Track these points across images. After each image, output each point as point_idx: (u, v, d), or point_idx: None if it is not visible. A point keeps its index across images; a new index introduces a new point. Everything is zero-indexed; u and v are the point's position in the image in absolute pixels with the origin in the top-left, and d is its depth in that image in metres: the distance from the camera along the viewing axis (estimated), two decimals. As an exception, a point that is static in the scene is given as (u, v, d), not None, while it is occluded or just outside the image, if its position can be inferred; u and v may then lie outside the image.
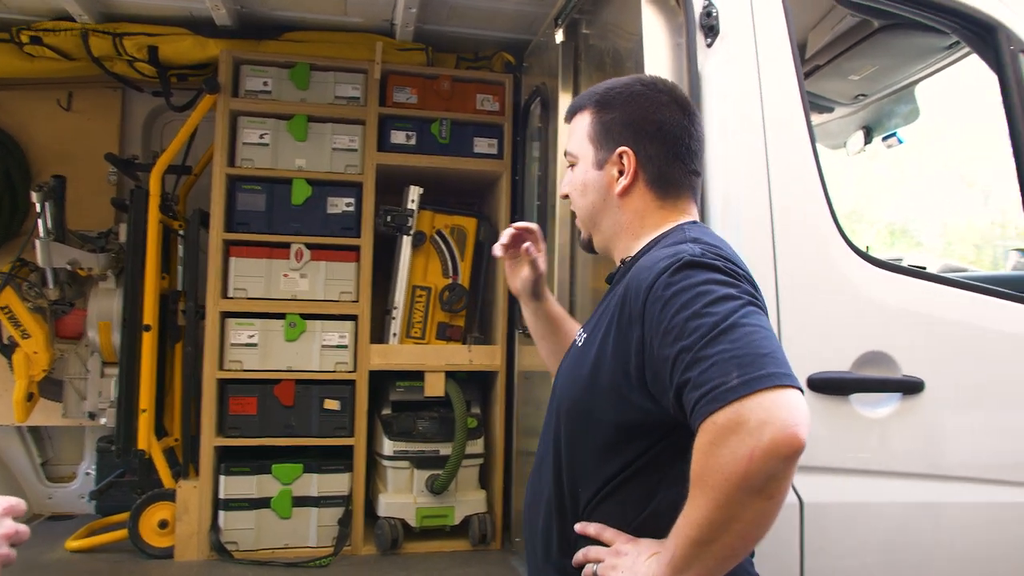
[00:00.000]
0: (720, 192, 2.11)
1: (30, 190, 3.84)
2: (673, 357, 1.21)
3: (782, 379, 1.14)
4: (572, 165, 1.59)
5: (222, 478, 3.76)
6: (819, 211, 2.25)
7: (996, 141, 2.70)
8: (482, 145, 4.06)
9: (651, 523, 1.34)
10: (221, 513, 3.74)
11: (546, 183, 3.64)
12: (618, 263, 1.56)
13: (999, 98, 2.58)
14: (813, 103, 3.83)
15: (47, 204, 3.75)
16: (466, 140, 4.05)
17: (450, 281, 4.06)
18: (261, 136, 3.84)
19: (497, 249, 1.86)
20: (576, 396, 1.42)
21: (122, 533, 3.73)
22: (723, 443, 1.12)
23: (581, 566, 1.39)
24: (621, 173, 1.50)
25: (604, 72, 3.06)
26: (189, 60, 3.84)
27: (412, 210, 3.96)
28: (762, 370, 1.14)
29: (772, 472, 1.11)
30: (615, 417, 1.35)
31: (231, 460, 3.80)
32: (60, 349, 3.99)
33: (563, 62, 3.40)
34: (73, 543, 3.77)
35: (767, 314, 1.29)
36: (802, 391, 1.16)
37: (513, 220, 4.03)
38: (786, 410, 1.12)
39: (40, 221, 3.76)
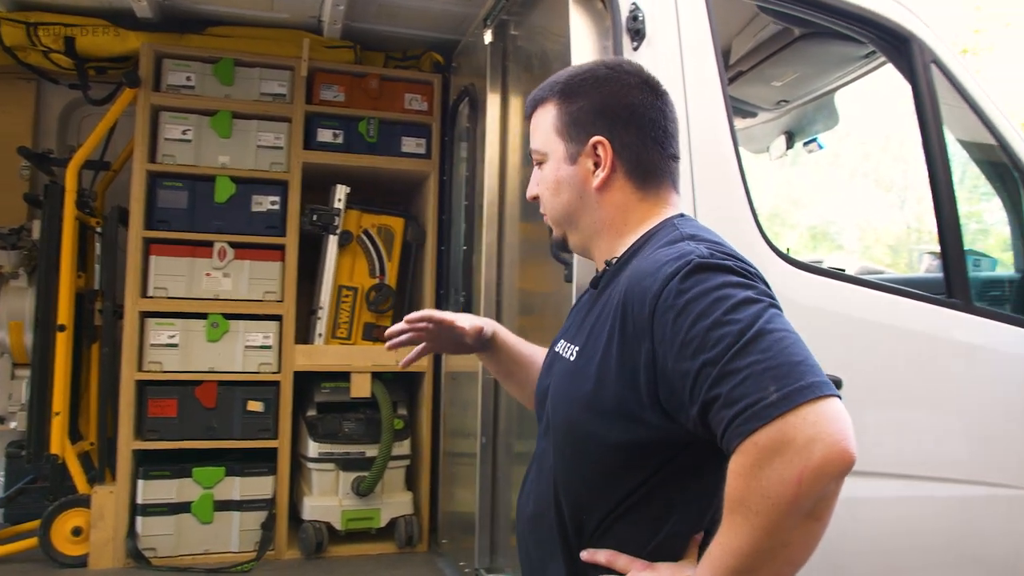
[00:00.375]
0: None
1: (-65, 184, 3.69)
2: (696, 372, 1.10)
3: (823, 388, 1.05)
4: (540, 163, 1.46)
5: (140, 482, 3.65)
6: (742, 213, 2.31)
7: (910, 147, 2.81)
8: (410, 145, 4.05)
9: (667, 546, 1.24)
10: (139, 519, 3.63)
11: (473, 183, 3.65)
12: (601, 265, 1.44)
13: (912, 106, 2.70)
14: (737, 108, 3.93)
15: (-46, 199, 3.61)
16: (394, 139, 4.03)
17: (377, 281, 4.04)
18: (184, 132, 3.75)
19: (387, 346, 1.73)
20: (575, 416, 1.30)
21: (32, 542, 3.58)
22: (768, 465, 1.02)
23: None
24: (597, 165, 1.38)
25: (532, 73, 3.09)
26: (108, 52, 3.73)
27: (339, 209, 3.92)
28: (801, 381, 1.04)
29: (823, 492, 1.03)
30: (624, 437, 1.23)
31: (150, 464, 3.70)
32: (-33, 350, 3.83)
33: (491, 63, 3.42)
34: (-23, 552, 3.62)
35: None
36: (841, 398, 1.06)
37: (441, 219, 4.05)
38: (834, 423, 1.03)
39: (-54, 216, 3.61)
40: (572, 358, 1.35)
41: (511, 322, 3.25)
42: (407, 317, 1.70)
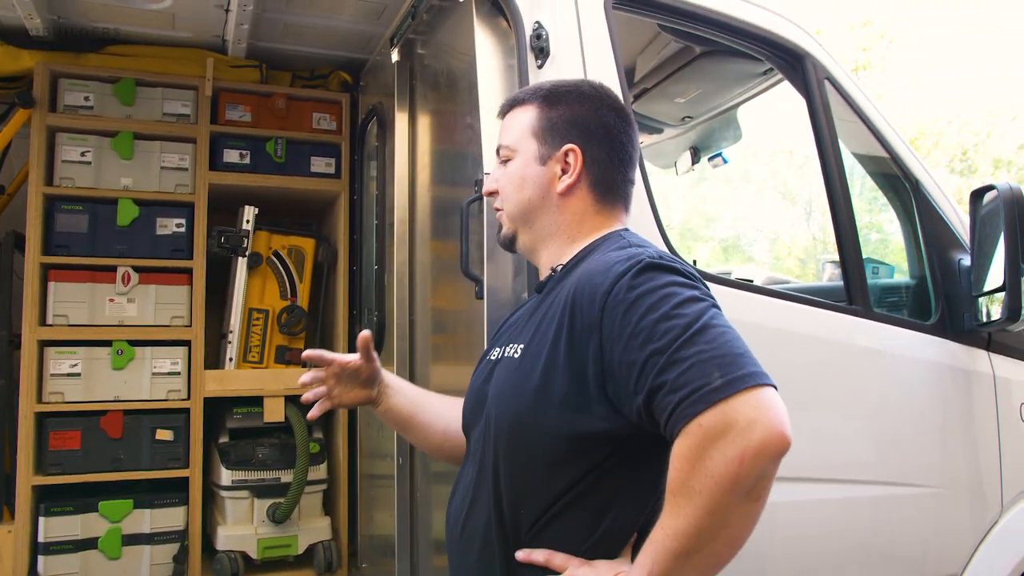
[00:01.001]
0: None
1: None
2: (643, 361, 1.17)
3: (763, 378, 1.13)
4: (506, 160, 1.53)
5: (41, 519, 3.49)
6: (648, 226, 2.35)
7: (813, 161, 2.93)
8: (319, 164, 4.01)
9: (604, 544, 1.29)
10: (40, 558, 3.46)
11: (383, 202, 3.63)
12: (546, 271, 1.51)
13: (808, 121, 2.81)
14: (642, 124, 4.01)
15: None
16: (303, 159, 3.98)
17: (288, 303, 3.97)
18: (83, 154, 3.64)
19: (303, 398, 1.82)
20: (520, 410, 1.34)
21: (-82, 592, 3.41)
22: (711, 446, 1.08)
23: None
24: (564, 172, 1.47)
25: (439, 91, 3.11)
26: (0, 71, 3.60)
27: (247, 231, 3.85)
28: (743, 370, 1.12)
29: (762, 472, 1.09)
30: (568, 428, 1.28)
31: (52, 499, 3.54)
32: None
33: (399, 81, 3.42)
34: None
35: None
36: (777, 388, 1.14)
37: (352, 239, 4.02)
38: (773, 409, 1.11)
39: None
40: (516, 356, 1.41)
41: (425, 339, 3.24)
42: (306, 355, 1.80)
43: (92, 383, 3.60)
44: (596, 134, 1.49)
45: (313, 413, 1.82)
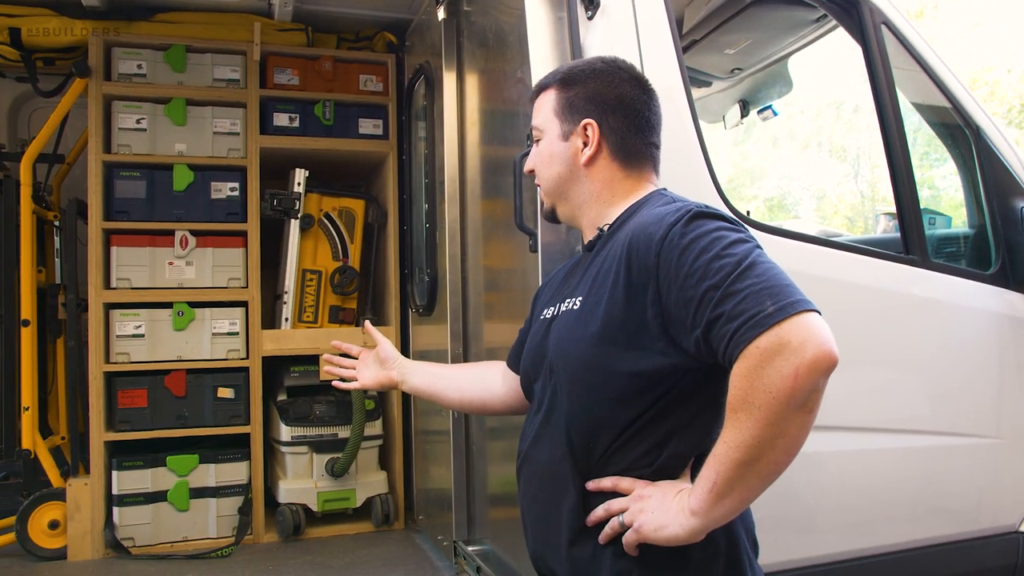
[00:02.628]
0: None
1: None
2: (699, 297, 1.29)
3: (808, 304, 1.24)
4: (537, 140, 1.67)
5: (115, 473, 3.66)
6: (703, 181, 2.35)
7: (862, 115, 2.86)
8: (367, 126, 4.04)
9: (666, 470, 1.42)
10: (115, 509, 3.65)
11: (433, 161, 3.66)
12: (591, 231, 1.63)
13: (864, 69, 2.75)
14: (691, 77, 3.94)
15: (-93, 197, 3.56)
16: (351, 121, 4.02)
17: (340, 264, 4.05)
18: (138, 121, 3.72)
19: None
20: (585, 354, 1.46)
21: (9, 537, 3.59)
22: (768, 364, 1.21)
23: (599, 524, 1.44)
24: (585, 144, 1.59)
25: (487, 48, 3.10)
26: (56, 43, 3.68)
27: (299, 193, 3.92)
28: (791, 297, 1.24)
29: (814, 386, 1.21)
30: (631, 366, 1.40)
31: (123, 455, 3.70)
32: (-71, 349, 3.80)
33: (446, 40, 3.41)
34: (-47, 549, 3.62)
35: None
36: (821, 314, 1.25)
37: (401, 199, 4.06)
38: (820, 330, 1.22)
39: (-102, 215, 3.57)
40: (576, 307, 1.52)
41: (477, 297, 3.29)
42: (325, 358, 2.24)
43: (155, 343, 3.73)
44: (611, 106, 1.60)
45: (337, 384, 2.19)
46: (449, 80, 3.42)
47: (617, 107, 1.60)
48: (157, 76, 3.78)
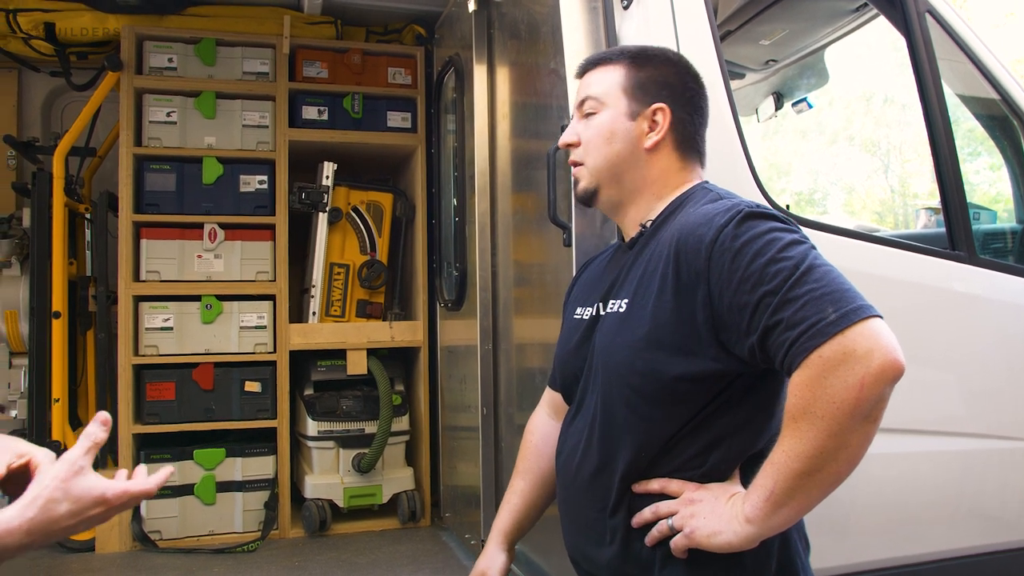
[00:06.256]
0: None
1: (-76, 176, 3.69)
2: (755, 303, 1.25)
3: (872, 310, 1.21)
4: (590, 114, 1.57)
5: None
6: (743, 175, 2.29)
7: (894, 108, 2.78)
8: (396, 119, 4.03)
9: (714, 475, 1.38)
10: (143, 502, 3.64)
11: (463, 154, 3.63)
12: (635, 226, 1.56)
13: (900, 62, 2.66)
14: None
15: (-57, 190, 3.61)
16: (379, 114, 4.01)
17: (368, 258, 4.04)
18: (168, 114, 3.74)
19: None
20: (633, 359, 1.41)
21: (37, 528, 3.62)
22: (832, 374, 1.17)
23: (645, 526, 1.40)
24: (651, 129, 1.53)
25: (519, 40, 3.07)
26: (89, 37, 3.72)
27: (327, 187, 3.91)
28: (853, 303, 1.20)
29: (880, 396, 1.18)
30: (680, 371, 1.36)
31: (151, 447, 3.72)
32: (-36, 341, 3.85)
33: (476, 32, 3.39)
34: (-16, 539, 3.64)
35: None
36: (883, 318, 1.22)
37: (430, 193, 4.04)
38: (886, 337, 1.19)
39: (-64, 207, 3.62)
40: (623, 310, 1.47)
41: (507, 291, 3.25)
42: None
43: (184, 336, 3.74)
44: (682, 96, 1.56)
45: None
46: (479, 72, 3.39)
47: (690, 99, 1.57)
48: (187, 69, 3.80)
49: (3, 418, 3.91)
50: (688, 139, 1.56)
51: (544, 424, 1.78)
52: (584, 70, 1.63)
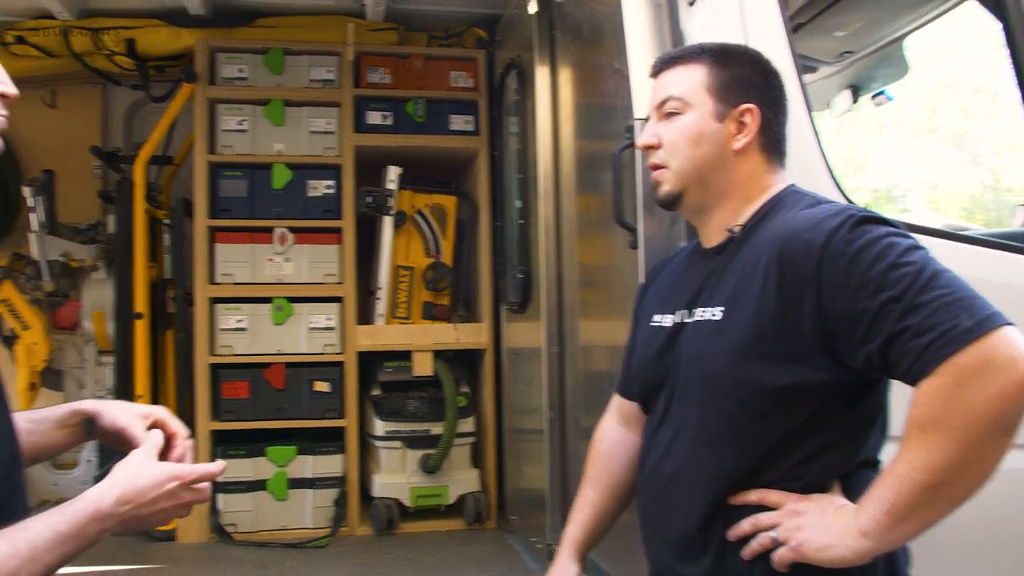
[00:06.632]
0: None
1: (22, 185, 3.94)
2: (876, 309, 1.20)
3: (1004, 317, 1.16)
4: (673, 114, 1.50)
5: (219, 461, 3.80)
6: (819, 172, 2.18)
7: (985, 98, 2.60)
8: (458, 122, 4.06)
9: (818, 482, 1.33)
10: (219, 496, 3.81)
11: (525, 156, 3.63)
12: (720, 230, 1.49)
13: (992, 48, 2.48)
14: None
15: (39, 198, 3.85)
16: (442, 118, 4.05)
17: (433, 260, 4.08)
18: (239, 122, 3.89)
19: None
20: (732, 368, 1.36)
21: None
22: (970, 383, 1.12)
23: (742, 539, 1.34)
24: (739, 131, 1.47)
25: (582, 40, 3.04)
26: (166, 51, 3.92)
27: (392, 190, 3.97)
28: (986, 310, 1.16)
29: (1021, 408, 1.14)
30: (783, 381, 1.31)
31: (226, 444, 3.87)
32: (58, 340, 4.09)
33: (538, 33, 3.37)
34: (79, 525, 3.87)
35: None
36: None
37: (493, 195, 4.04)
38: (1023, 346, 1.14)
39: (33, 215, 3.86)
40: (717, 318, 1.41)
41: (572, 294, 3.22)
42: None
43: (256, 337, 3.88)
44: (771, 95, 1.51)
45: None
46: (542, 74, 3.37)
47: (776, 99, 1.52)
48: (257, 79, 3.94)
49: (92, 413, 4.14)
50: (774, 140, 1.51)
51: (614, 432, 1.73)
52: (659, 69, 1.56)
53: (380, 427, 3.92)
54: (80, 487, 4.35)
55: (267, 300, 3.88)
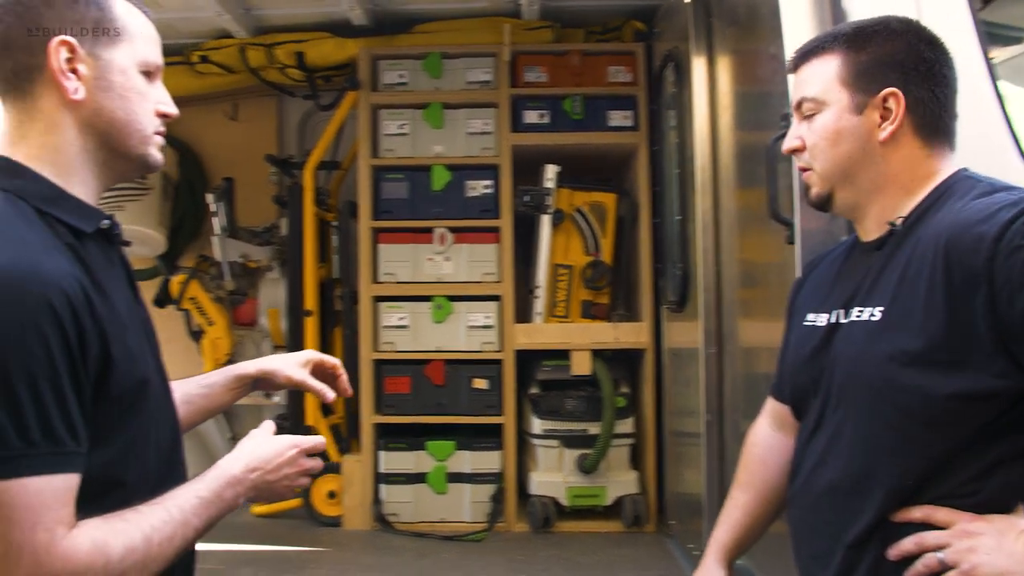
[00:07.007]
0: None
1: (205, 193, 4.25)
2: None
3: None
4: (811, 115, 1.43)
5: (381, 453, 3.97)
6: (1007, 155, 1.99)
7: None
8: (617, 118, 4.00)
9: (994, 501, 1.21)
10: (382, 486, 3.96)
11: (683, 150, 3.52)
12: (880, 225, 1.40)
13: None
14: (991, 33, 3.38)
15: (220, 204, 4.13)
16: (600, 114, 4.00)
17: (592, 258, 4.03)
18: (400, 126, 4.02)
19: None
20: (895, 374, 1.26)
21: (297, 502, 4.04)
22: None
23: (905, 559, 1.24)
24: (884, 119, 1.36)
25: (738, 26, 2.92)
26: (332, 61, 4.10)
27: (550, 189, 3.96)
28: None
29: None
30: (957, 388, 1.20)
31: (389, 436, 4.01)
32: (238, 335, 4.38)
33: (694, 22, 3.27)
34: (257, 508, 4.16)
35: None
36: None
37: (654, 191, 3.95)
38: None
39: (215, 220, 4.15)
40: (876, 318, 1.31)
41: (732, 293, 3.10)
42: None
43: (417, 334, 3.99)
44: (916, 72, 1.34)
45: None
46: (698, 64, 3.26)
47: (926, 74, 1.34)
48: (417, 83, 4.06)
49: (267, 403, 4.41)
50: (932, 120, 1.35)
51: (768, 436, 1.63)
52: (796, 64, 1.46)
53: (538, 425, 3.93)
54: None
55: (427, 298, 3.98)
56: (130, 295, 1.16)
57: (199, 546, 1.20)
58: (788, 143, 1.45)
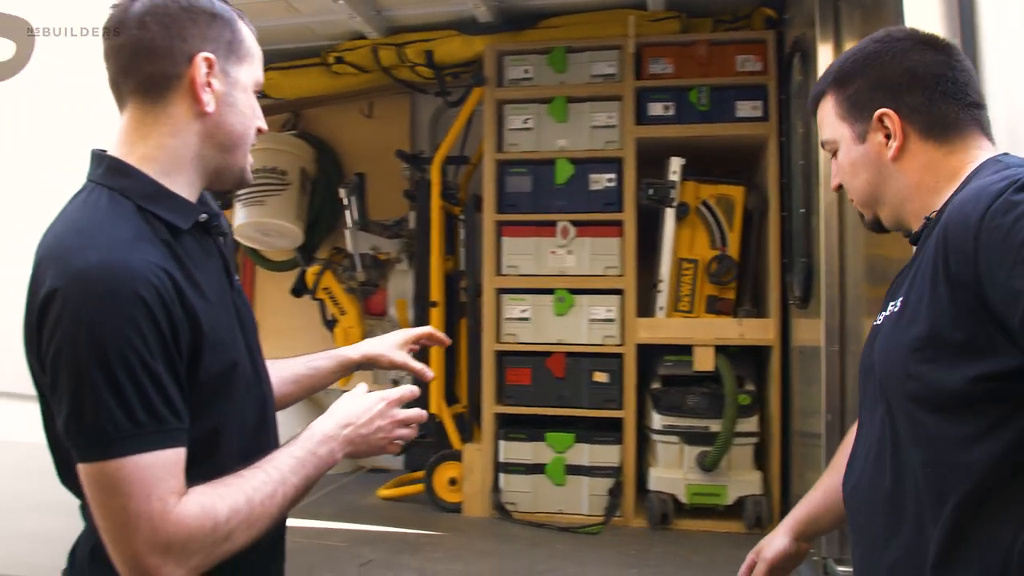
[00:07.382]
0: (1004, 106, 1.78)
1: (338, 188, 4.45)
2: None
3: None
4: (834, 154, 1.48)
5: (501, 443, 4.04)
6: None
7: None
8: (745, 108, 3.90)
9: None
10: (501, 475, 4.03)
11: (809, 140, 3.39)
12: (919, 222, 1.39)
13: None
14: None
15: (352, 198, 4.32)
16: (727, 105, 3.91)
17: (718, 253, 3.95)
18: (525, 121, 4.08)
19: None
20: (905, 363, 1.23)
21: (419, 487, 4.19)
22: None
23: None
24: (888, 137, 1.38)
25: (864, 10, 2.81)
26: (459, 58, 4.21)
27: (674, 182, 3.91)
28: None
29: None
30: (970, 373, 1.14)
31: (509, 427, 4.08)
32: (369, 324, 4.57)
33: (821, 6, 3.14)
34: (383, 492, 4.34)
35: None
36: None
37: (782, 183, 3.81)
38: None
39: (347, 213, 4.34)
40: (896, 310, 1.31)
41: (856, 288, 2.98)
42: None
43: (539, 327, 4.04)
44: (901, 84, 1.35)
45: None
46: (824, 51, 3.13)
47: (910, 82, 1.35)
48: (541, 78, 4.10)
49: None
50: (937, 121, 1.34)
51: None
52: (812, 111, 1.51)
53: (658, 421, 3.89)
54: (391, 457, 4.85)
55: (549, 291, 4.02)
56: (225, 282, 1.25)
57: (323, 524, 1.29)
58: (832, 181, 1.50)
